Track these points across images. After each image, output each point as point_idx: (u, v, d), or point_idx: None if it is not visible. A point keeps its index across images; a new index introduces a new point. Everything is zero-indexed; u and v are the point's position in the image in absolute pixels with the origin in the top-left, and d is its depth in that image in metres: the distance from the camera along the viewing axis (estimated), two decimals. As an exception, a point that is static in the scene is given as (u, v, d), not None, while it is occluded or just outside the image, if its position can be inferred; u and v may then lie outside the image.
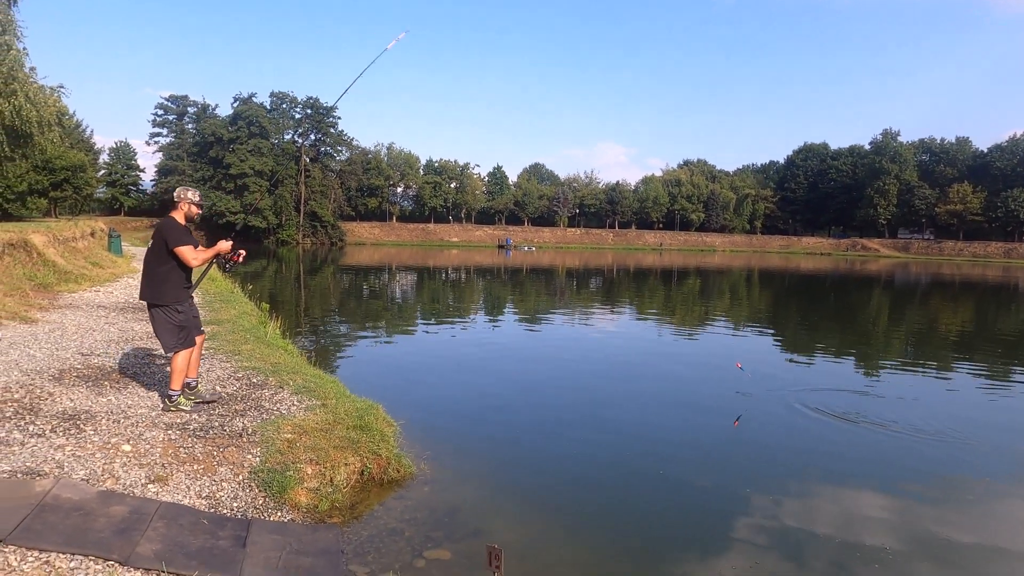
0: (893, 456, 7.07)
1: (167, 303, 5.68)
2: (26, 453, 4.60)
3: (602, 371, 11.48)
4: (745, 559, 4.70)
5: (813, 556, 4.81)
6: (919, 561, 4.81)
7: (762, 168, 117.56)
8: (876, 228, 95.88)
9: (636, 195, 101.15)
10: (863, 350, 14.99)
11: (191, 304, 5.95)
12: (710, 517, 5.44)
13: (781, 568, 4.63)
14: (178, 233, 5.65)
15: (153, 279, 5.72)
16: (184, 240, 5.64)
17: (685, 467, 6.65)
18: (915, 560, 4.81)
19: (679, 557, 4.75)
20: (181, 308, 5.76)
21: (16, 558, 3.34)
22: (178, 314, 5.73)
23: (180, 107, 76.59)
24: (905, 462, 6.92)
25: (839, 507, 5.75)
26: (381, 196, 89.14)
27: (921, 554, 4.92)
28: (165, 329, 5.72)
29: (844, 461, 6.90)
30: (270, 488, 4.73)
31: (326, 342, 14.02)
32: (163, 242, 5.62)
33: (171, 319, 5.70)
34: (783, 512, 5.56)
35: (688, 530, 5.23)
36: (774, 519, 5.42)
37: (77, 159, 39.68)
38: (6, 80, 20.55)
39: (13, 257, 12.40)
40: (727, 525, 5.28)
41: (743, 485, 6.10)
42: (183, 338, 5.76)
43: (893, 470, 6.66)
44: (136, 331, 9.57)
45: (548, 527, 5.16)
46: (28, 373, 6.57)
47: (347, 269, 41.16)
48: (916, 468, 6.76)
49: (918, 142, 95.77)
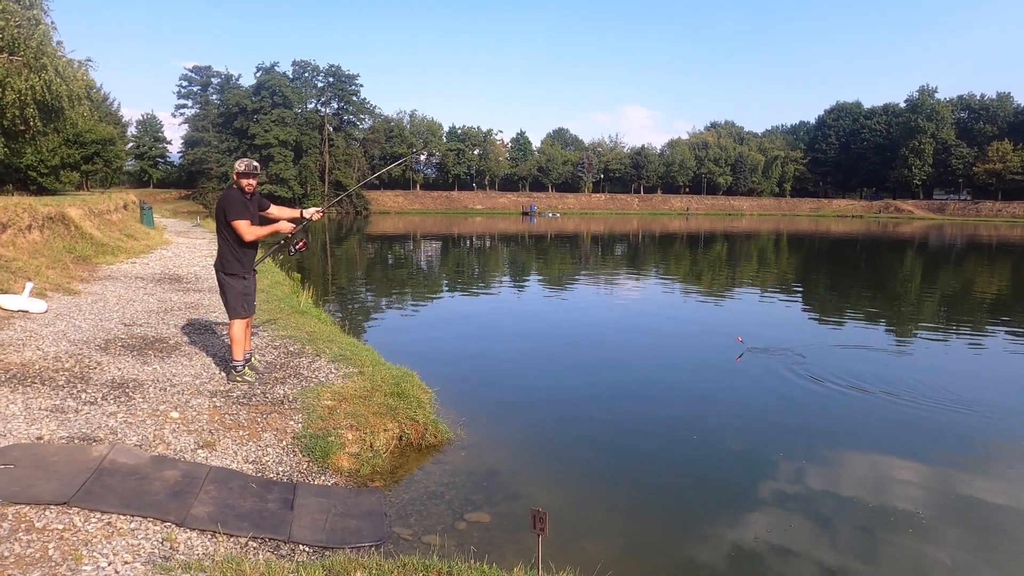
0: (926, 423, 7.01)
1: (234, 272, 5.90)
2: (81, 420, 4.79)
3: (630, 338, 11.49)
4: (778, 522, 4.75)
5: (844, 520, 4.83)
6: (951, 526, 4.80)
7: (792, 129, 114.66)
8: (910, 189, 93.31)
9: (662, 159, 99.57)
10: (893, 316, 14.75)
11: (255, 277, 6.15)
12: (742, 480, 5.48)
13: (814, 530, 4.67)
14: (236, 206, 5.78)
15: (220, 249, 5.98)
16: (240, 213, 5.77)
17: (716, 432, 6.68)
18: (947, 525, 4.81)
19: (713, 519, 4.81)
20: (247, 277, 5.98)
21: (80, 519, 3.51)
22: (243, 281, 5.95)
23: (204, 78, 76.77)
24: (938, 429, 6.85)
25: (870, 473, 5.75)
26: (404, 164, 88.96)
27: (954, 519, 4.91)
28: (231, 294, 5.93)
29: (874, 428, 6.85)
30: (313, 453, 4.88)
31: (355, 311, 14.21)
32: (222, 214, 5.81)
33: (236, 286, 5.92)
34: (815, 477, 5.58)
35: (720, 493, 5.28)
36: (806, 484, 5.44)
37: (107, 132, 40.04)
38: (36, 55, 20.75)
39: (52, 230, 12.70)
40: (758, 488, 5.32)
41: (774, 450, 6.12)
42: (246, 306, 5.97)
43: (926, 437, 6.62)
44: (174, 301, 9.80)
45: (583, 490, 5.25)
46: (76, 343, 6.80)
47: (372, 238, 41.44)
48: (950, 435, 6.69)
49: (956, 99, 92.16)
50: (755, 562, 4.24)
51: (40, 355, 6.20)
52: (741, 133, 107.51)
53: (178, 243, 20.06)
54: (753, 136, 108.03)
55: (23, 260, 10.18)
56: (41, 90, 21.34)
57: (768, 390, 8.06)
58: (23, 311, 7.83)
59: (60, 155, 35.12)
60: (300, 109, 76.71)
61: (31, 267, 10.00)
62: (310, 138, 74.33)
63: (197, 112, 76.41)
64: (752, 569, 4.17)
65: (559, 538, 4.12)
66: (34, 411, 4.82)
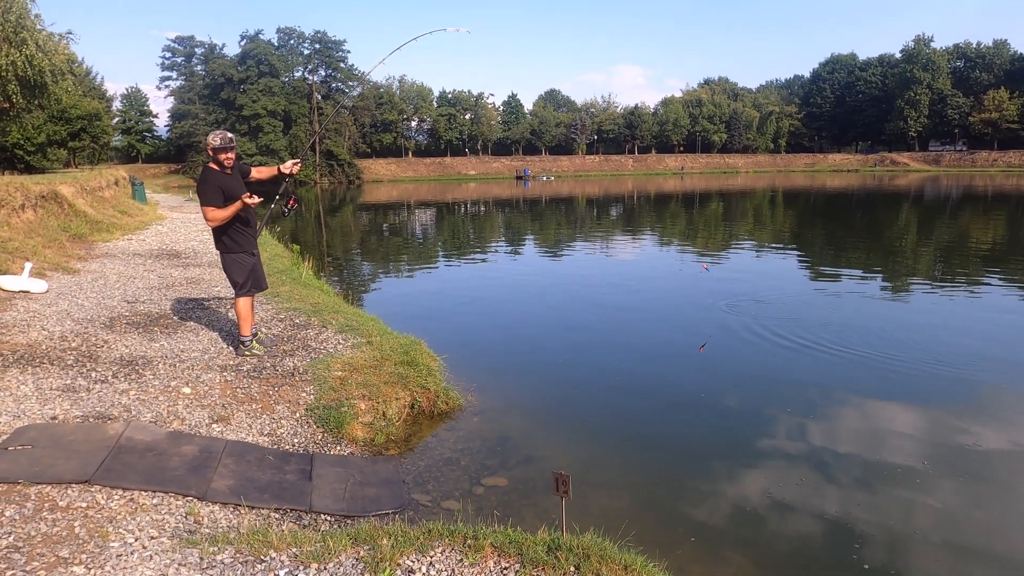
0: (924, 374, 7.07)
1: (234, 251, 5.82)
2: (93, 398, 4.79)
3: (630, 301, 11.49)
4: (787, 477, 4.81)
5: (845, 472, 4.90)
6: (948, 478, 4.88)
7: (786, 83, 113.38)
8: (906, 142, 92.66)
9: (656, 118, 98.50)
10: (889, 268, 14.78)
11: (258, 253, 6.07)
12: (750, 435, 5.53)
13: (821, 484, 4.73)
14: (206, 191, 5.56)
15: (215, 232, 5.83)
16: (208, 199, 5.53)
17: (723, 391, 6.71)
18: (944, 477, 4.89)
19: (724, 473, 4.87)
20: (254, 253, 5.94)
21: (103, 497, 3.53)
22: (251, 258, 5.89)
23: (187, 48, 75.16)
24: (937, 380, 6.91)
25: (871, 426, 5.80)
26: (396, 131, 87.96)
27: (952, 471, 4.99)
28: (236, 270, 5.84)
29: (874, 381, 6.90)
30: (327, 424, 4.90)
31: (354, 281, 14.17)
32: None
33: (242, 262, 5.84)
34: (819, 432, 5.64)
35: (730, 447, 5.33)
36: (809, 439, 5.50)
37: (92, 107, 39.32)
38: (15, 29, 20.28)
39: (46, 209, 12.54)
40: (765, 445, 5.38)
41: (781, 407, 6.17)
42: (252, 281, 5.90)
43: (926, 387, 6.68)
44: (175, 277, 9.75)
45: (596, 450, 5.30)
46: (80, 322, 6.76)
47: (366, 207, 41.12)
48: (950, 385, 6.75)
49: (952, 47, 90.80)
50: (771, 511, 4.31)
51: (46, 335, 6.17)
52: (735, 89, 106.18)
53: (172, 218, 19.88)
54: (747, 92, 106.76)
55: (19, 240, 10.07)
56: (23, 65, 20.92)
57: (768, 348, 8.09)
58: (24, 291, 7.77)
59: (46, 132, 34.58)
60: (287, 78, 75.41)
61: (28, 247, 9.90)
62: (299, 107, 73.23)
63: (182, 84, 75.01)
64: (768, 518, 4.24)
65: (577, 498, 4.17)
66: (46, 391, 4.81)
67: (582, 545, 3.08)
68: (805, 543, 4.03)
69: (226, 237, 5.79)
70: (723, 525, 4.21)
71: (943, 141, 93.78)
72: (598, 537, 3.21)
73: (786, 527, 4.20)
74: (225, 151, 5.60)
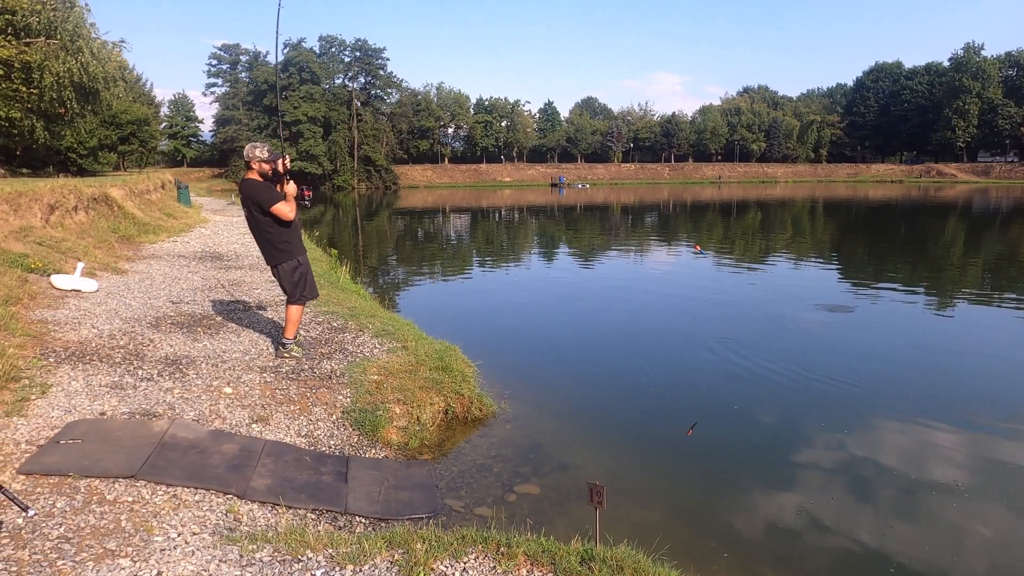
0: (969, 391, 6.84)
1: (283, 261, 5.92)
2: (140, 396, 4.94)
3: (665, 308, 11.38)
4: (819, 491, 4.71)
5: (883, 492, 4.77)
6: (991, 499, 4.71)
7: (828, 92, 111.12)
8: (953, 152, 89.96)
9: (693, 126, 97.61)
10: (934, 283, 14.35)
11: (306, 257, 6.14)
12: (784, 451, 5.43)
13: (854, 499, 4.62)
14: (268, 192, 5.71)
15: (263, 244, 5.93)
16: (272, 197, 5.69)
17: (757, 402, 6.60)
18: (988, 497, 4.72)
19: (758, 486, 4.78)
20: (302, 259, 6.02)
21: (148, 492, 3.64)
22: (299, 265, 5.97)
23: (233, 56, 77.32)
24: (982, 397, 6.68)
25: (912, 446, 5.63)
26: (432, 138, 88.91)
27: (994, 489, 4.81)
28: (288, 282, 5.96)
29: (914, 396, 6.71)
30: (363, 427, 4.97)
31: (390, 286, 14.33)
32: (255, 205, 5.72)
33: (293, 272, 5.93)
34: (855, 446, 5.50)
35: (765, 460, 5.24)
36: (846, 454, 5.37)
37: (141, 113, 40.81)
38: (72, 38, 21.09)
39: (97, 211, 13.00)
40: (800, 458, 5.28)
41: (817, 420, 6.04)
42: (305, 289, 6.01)
43: (970, 405, 6.46)
44: (218, 279, 9.99)
45: (629, 460, 5.27)
46: (128, 321, 6.98)
47: (402, 213, 41.60)
48: (994, 402, 6.53)
49: (1004, 56, 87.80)
50: (806, 528, 4.22)
51: (96, 333, 6.39)
52: (775, 98, 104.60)
53: (215, 221, 20.39)
54: (788, 100, 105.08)
55: (72, 241, 10.46)
56: (78, 72, 21.72)
57: (808, 358, 7.92)
58: (76, 290, 8.06)
59: (98, 136, 35.86)
60: (328, 85, 76.86)
61: (79, 247, 10.27)
62: (338, 113, 74.52)
63: (227, 90, 77.15)
64: (803, 535, 4.16)
65: (609, 508, 4.14)
66: (95, 388, 4.98)
67: (616, 557, 3.07)
68: (841, 564, 3.94)
69: (282, 243, 5.85)
70: (757, 540, 4.14)
71: (993, 152, 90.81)
72: (632, 549, 3.19)
73: (821, 545, 4.11)
74: (274, 161, 5.78)
